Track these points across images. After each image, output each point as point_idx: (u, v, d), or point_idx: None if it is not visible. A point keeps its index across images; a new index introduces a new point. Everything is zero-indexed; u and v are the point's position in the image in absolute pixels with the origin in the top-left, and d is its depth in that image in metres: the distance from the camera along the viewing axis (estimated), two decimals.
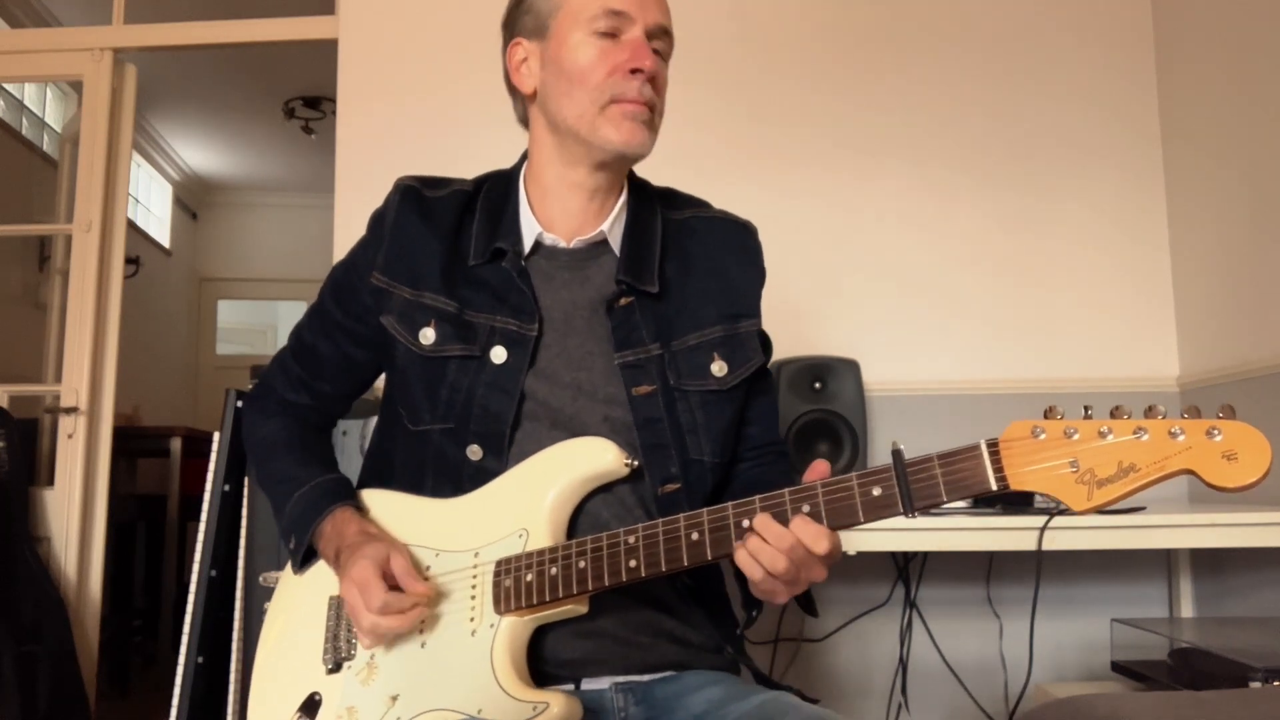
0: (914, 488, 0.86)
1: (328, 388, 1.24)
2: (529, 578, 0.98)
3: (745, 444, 1.17)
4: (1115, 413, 0.81)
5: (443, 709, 0.98)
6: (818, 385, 2.16)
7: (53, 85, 4.85)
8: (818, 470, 0.92)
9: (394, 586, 1.01)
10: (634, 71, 1.06)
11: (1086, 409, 0.83)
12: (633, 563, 0.94)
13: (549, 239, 1.13)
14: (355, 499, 1.15)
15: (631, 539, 0.94)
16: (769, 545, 0.89)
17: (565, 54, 1.08)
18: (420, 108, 2.67)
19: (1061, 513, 1.76)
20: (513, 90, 1.19)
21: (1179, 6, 2.50)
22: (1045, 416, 0.83)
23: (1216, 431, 0.78)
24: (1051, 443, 0.82)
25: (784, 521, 0.89)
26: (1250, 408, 2.13)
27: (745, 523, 0.90)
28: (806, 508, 0.89)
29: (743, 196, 2.51)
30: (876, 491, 0.87)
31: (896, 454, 0.87)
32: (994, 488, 0.83)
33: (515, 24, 1.16)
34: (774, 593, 0.94)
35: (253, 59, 4.75)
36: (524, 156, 1.20)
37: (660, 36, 1.10)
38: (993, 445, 0.84)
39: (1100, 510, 0.81)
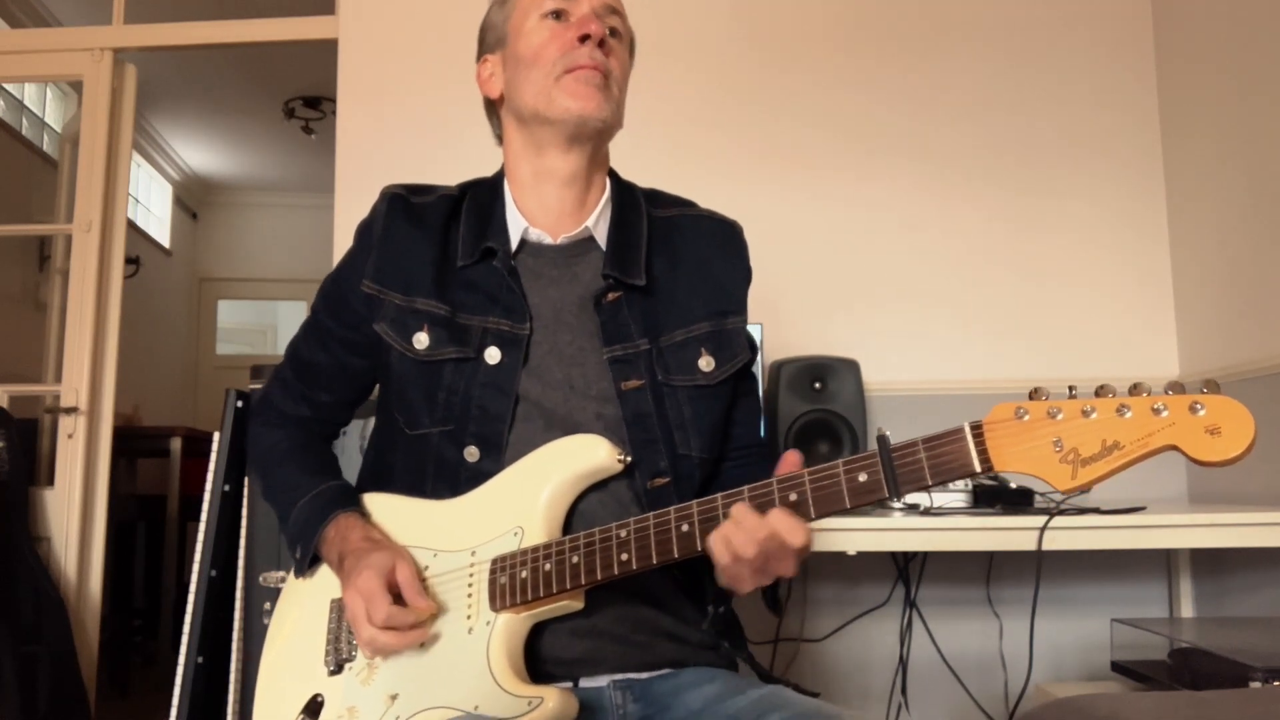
0: (899, 472, 0.86)
1: (326, 397, 1.24)
2: (523, 574, 0.98)
3: (728, 444, 1.17)
4: (1100, 391, 0.81)
5: (441, 707, 0.99)
6: (818, 385, 2.16)
7: (53, 85, 4.85)
8: (789, 462, 0.92)
9: (398, 596, 1.01)
10: (583, 39, 1.10)
11: (1071, 389, 0.82)
12: (624, 556, 0.95)
13: (535, 234, 1.14)
14: (359, 505, 1.15)
15: (623, 533, 0.95)
16: (744, 532, 0.89)
17: (521, 44, 1.13)
18: (420, 108, 2.68)
19: (1061, 513, 1.76)
20: (488, 106, 1.23)
21: (1179, 5, 2.50)
22: (1030, 398, 0.83)
23: (1200, 406, 0.77)
24: (1035, 423, 0.82)
25: (765, 511, 0.89)
26: (1251, 407, 2.13)
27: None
28: (794, 496, 0.89)
29: (743, 195, 2.53)
30: (863, 477, 0.87)
31: (881, 439, 0.87)
32: (978, 469, 0.83)
33: (480, 47, 1.21)
34: (739, 579, 0.93)
35: (253, 59, 4.75)
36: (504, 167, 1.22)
37: (609, 16, 1.14)
38: (976, 427, 0.84)
39: (1085, 489, 0.81)
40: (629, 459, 1.02)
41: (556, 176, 1.14)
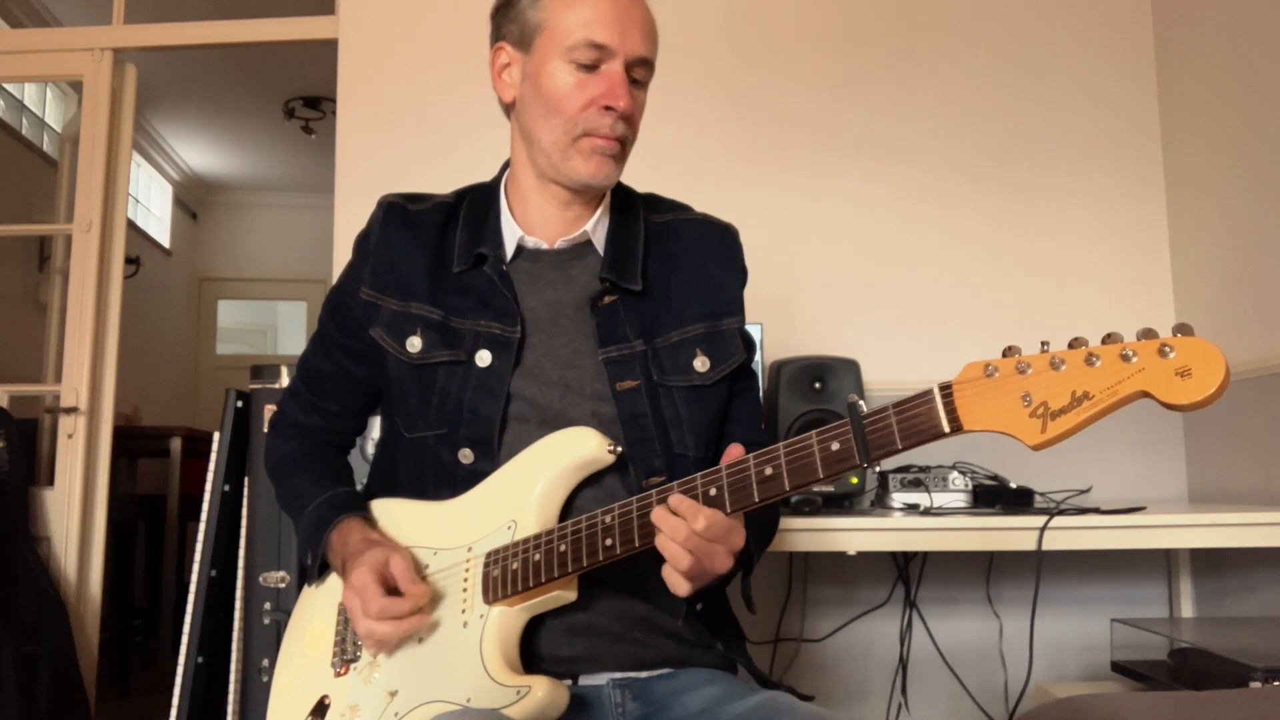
0: (870, 438, 0.85)
1: (335, 407, 1.26)
2: (514, 565, 1.00)
3: (726, 441, 1.17)
4: (1074, 344, 0.79)
5: (436, 700, 1.00)
6: (818, 385, 2.16)
7: (53, 85, 4.85)
8: (731, 455, 0.94)
9: (395, 590, 1.03)
10: (608, 108, 1.07)
11: (1044, 344, 0.81)
12: (608, 541, 0.96)
13: (531, 242, 1.15)
14: (364, 509, 1.17)
15: (608, 518, 0.97)
16: (670, 540, 0.91)
17: (544, 78, 1.09)
18: (420, 108, 2.68)
19: (1061, 513, 1.76)
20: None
21: (1179, 5, 2.50)
22: (1004, 355, 0.81)
23: (1169, 349, 0.75)
24: (1004, 380, 0.80)
25: (748, 485, 0.90)
26: (1251, 407, 2.13)
27: (712, 490, 0.92)
28: (769, 470, 0.90)
29: (743, 198, 2.53)
30: (835, 446, 0.87)
31: (852, 406, 0.87)
32: (946, 430, 0.82)
33: (502, 26, 1.16)
34: (675, 584, 0.94)
35: (253, 59, 4.75)
36: (504, 166, 1.22)
37: (640, 66, 1.11)
38: (945, 388, 0.83)
39: (1054, 443, 0.78)
40: (620, 450, 1.03)
41: (557, 200, 1.15)
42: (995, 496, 1.91)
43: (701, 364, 1.13)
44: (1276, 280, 2.10)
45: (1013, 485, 1.93)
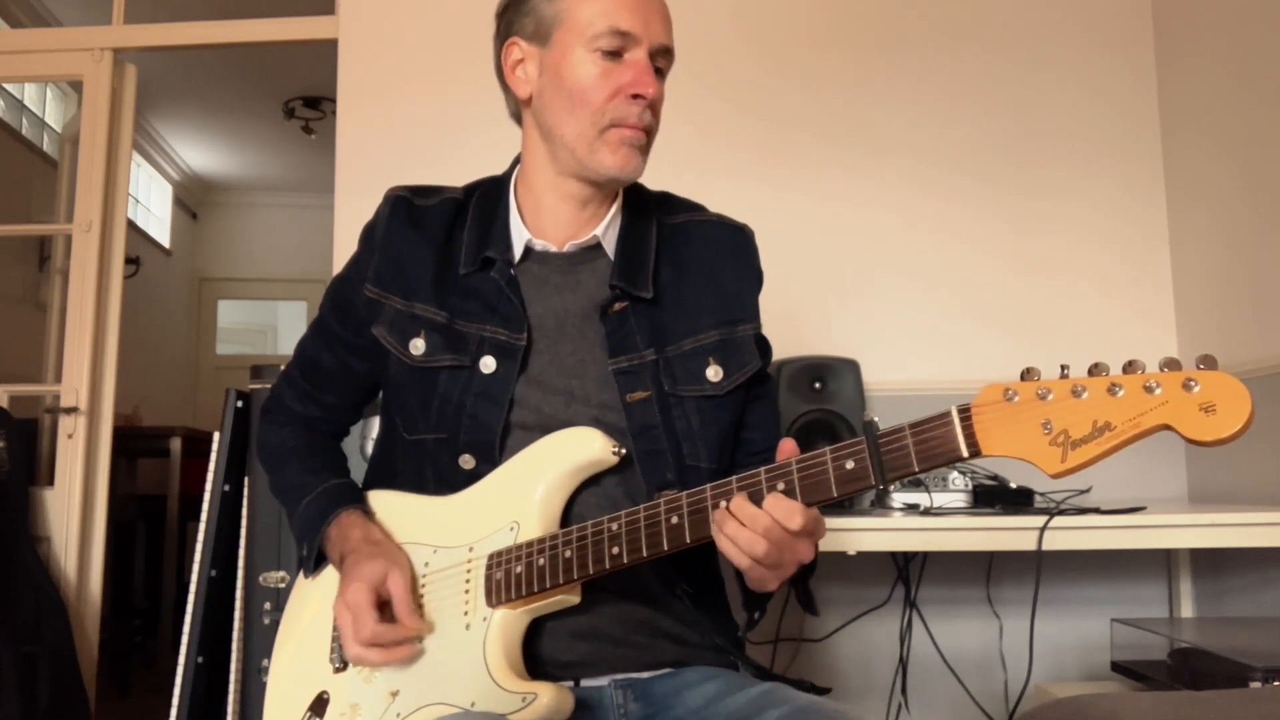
0: (886, 459, 0.84)
1: (332, 398, 1.25)
2: (518, 569, 0.99)
3: (745, 449, 1.16)
4: (1094, 370, 0.78)
5: (439, 703, 0.99)
6: (818, 385, 2.16)
7: (53, 85, 4.85)
8: (785, 450, 0.92)
9: (389, 605, 1.02)
10: (635, 96, 1.05)
11: (1064, 368, 0.79)
12: (615, 549, 0.94)
13: (539, 245, 1.13)
14: (362, 502, 1.15)
15: (614, 526, 0.95)
16: (746, 528, 0.89)
17: (566, 69, 1.06)
18: (420, 108, 2.68)
19: (1061, 513, 1.76)
20: (505, 87, 1.17)
21: (1179, 5, 2.50)
22: (1022, 378, 0.80)
23: (1194, 383, 0.74)
24: (1024, 405, 0.79)
25: (759, 501, 0.89)
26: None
27: (722, 503, 0.90)
28: (781, 485, 0.89)
29: (743, 197, 2.53)
30: (850, 465, 0.86)
31: (868, 425, 0.86)
32: (965, 455, 0.81)
33: (514, 22, 1.13)
34: (763, 578, 0.93)
35: (253, 59, 4.75)
36: (515, 161, 1.19)
37: (663, 54, 1.09)
38: (964, 411, 0.81)
39: (1075, 473, 0.77)
40: (623, 451, 1.02)
41: (575, 199, 1.12)
42: (995, 496, 1.91)
43: (714, 373, 1.10)
44: (1276, 280, 2.10)
45: (1013, 485, 1.93)
